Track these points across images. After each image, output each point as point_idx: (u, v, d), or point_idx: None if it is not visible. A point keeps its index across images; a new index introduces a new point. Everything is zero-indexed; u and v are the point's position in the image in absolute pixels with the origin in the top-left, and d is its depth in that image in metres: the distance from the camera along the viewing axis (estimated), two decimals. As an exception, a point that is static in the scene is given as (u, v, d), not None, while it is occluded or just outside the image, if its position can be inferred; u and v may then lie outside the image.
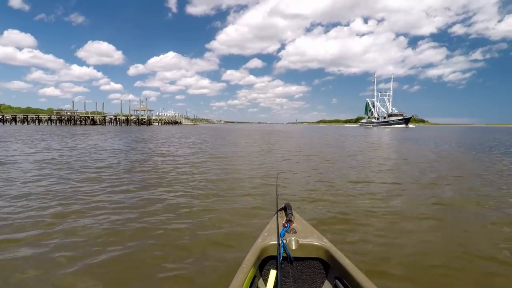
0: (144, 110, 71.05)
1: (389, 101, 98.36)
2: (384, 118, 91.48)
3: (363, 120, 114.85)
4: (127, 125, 63.49)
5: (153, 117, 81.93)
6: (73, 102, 62.98)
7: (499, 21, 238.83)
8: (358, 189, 5.02)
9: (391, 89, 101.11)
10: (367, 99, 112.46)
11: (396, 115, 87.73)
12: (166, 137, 21.67)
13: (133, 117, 65.65)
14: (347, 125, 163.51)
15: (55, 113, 62.31)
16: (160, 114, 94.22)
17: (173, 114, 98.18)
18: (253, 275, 1.52)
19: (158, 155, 9.72)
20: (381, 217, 3.57)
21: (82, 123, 61.81)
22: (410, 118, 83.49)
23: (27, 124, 58.32)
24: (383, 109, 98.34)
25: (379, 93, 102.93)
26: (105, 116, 64.51)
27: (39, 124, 59.29)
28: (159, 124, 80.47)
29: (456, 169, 7.50)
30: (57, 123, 60.11)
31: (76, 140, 15.80)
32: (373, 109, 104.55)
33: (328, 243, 1.67)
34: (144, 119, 65.91)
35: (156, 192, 4.68)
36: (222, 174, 6.48)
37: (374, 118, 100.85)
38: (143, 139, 17.99)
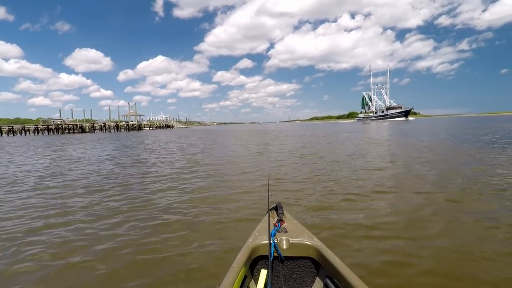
0: (134, 116, 69.34)
1: (386, 94, 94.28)
2: (383, 111, 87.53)
3: (360, 115, 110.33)
4: (117, 131, 61.78)
5: (144, 122, 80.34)
6: (60, 110, 60.63)
7: (484, 10, 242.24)
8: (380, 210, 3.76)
9: (388, 82, 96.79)
10: (363, 93, 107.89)
11: (395, 108, 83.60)
12: (152, 142, 20.31)
13: (123, 123, 63.77)
14: (343, 120, 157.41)
15: (41, 123, 60.20)
16: (151, 118, 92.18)
17: (163, 118, 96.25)
18: (243, 275, 1.51)
19: (138, 164, 8.40)
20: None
21: (70, 131, 59.97)
22: (410, 110, 80.00)
23: (13, 135, 56.25)
24: (380, 103, 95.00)
25: (376, 86, 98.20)
26: (93, 124, 62.59)
27: (25, 134, 57.22)
28: (150, 128, 78.88)
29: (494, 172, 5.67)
30: (44, 133, 58.08)
31: (46, 152, 14.35)
32: (370, 103, 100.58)
33: (319, 242, 1.66)
34: (134, 124, 64.09)
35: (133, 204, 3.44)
36: (206, 185, 5.30)
37: (372, 112, 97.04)
38: (126, 146, 16.60)
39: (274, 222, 1.84)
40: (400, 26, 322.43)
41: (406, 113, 79.07)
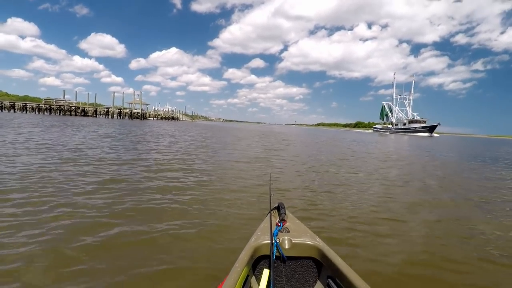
0: (139, 104, 67.68)
1: (409, 106, 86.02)
2: (404, 124, 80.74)
3: (377, 126, 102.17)
4: (120, 118, 60.19)
5: (150, 111, 78.72)
6: (64, 91, 59.52)
7: (502, 32, 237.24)
8: None
9: (412, 93, 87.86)
10: (383, 103, 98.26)
11: (418, 121, 76.51)
12: (145, 132, 18.39)
13: (127, 110, 62.12)
14: (359, 130, 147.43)
15: (43, 102, 58.81)
16: (156, 108, 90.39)
17: (169, 110, 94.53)
18: (246, 275, 1.50)
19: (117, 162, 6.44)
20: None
21: (72, 113, 58.50)
22: (436, 126, 71.88)
23: (14, 112, 54.95)
24: (401, 115, 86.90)
25: (398, 97, 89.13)
26: (96, 108, 61.00)
27: (26, 112, 55.90)
28: (155, 119, 77.19)
29: None
30: (45, 113, 56.71)
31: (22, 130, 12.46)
32: (390, 114, 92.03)
33: (321, 242, 1.65)
34: (138, 112, 62.40)
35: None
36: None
37: (391, 123, 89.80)
38: (122, 133, 14.68)
39: (276, 221, 1.83)
40: (416, 40, 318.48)
41: (432, 129, 72.34)
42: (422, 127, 72.92)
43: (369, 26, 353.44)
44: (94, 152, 7.82)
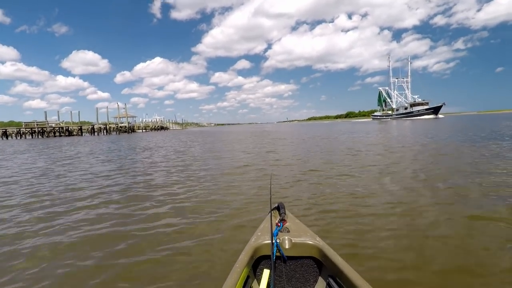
0: (125, 117, 65.48)
1: (408, 89, 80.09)
2: (406, 108, 75.16)
3: (376, 113, 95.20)
4: (107, 134, 57.98)
5: (137, 124, 76.50)
6: (45, 112, 56.39)
7: (478, 10, 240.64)
8: None
9: (409, 75, 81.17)
10: (380, 88, 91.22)
11: (421, 104, 71.00)
12: (119, 148, 16.73)
13: (113, 125, 59.89)
14: (356, 119, 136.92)
15: (24, 126, 56.20)
16: (144, 120, 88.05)
17: (158, 120, 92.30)
18: (246, 275, 1.50)
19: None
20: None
21: (56, 134, 56.06)
22: (441, 106, 66.30)
23: (-6, 139, 52.32)
24: (400, 99, 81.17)
25: (396, 80, 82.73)
26: (81, 126, 58.63)
27: (7, 139, 53.24)
28: (143, 131, 75.01)
29: None
30: (27, 137, 54.19)
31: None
32: (388, 100, 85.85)
33: (321, 242, 1.65)
34: (125, 126, 60.23)
35: None
36: None
37: (391, 109, 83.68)
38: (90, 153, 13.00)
39: (277, 222, 1.83)
40: (396, 26, 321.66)
41: (436, 110, 66.75)
42: (426, 109, 68.22)
43: (349, 16, 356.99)
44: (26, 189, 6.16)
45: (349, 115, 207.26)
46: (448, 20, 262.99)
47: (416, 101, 73.78)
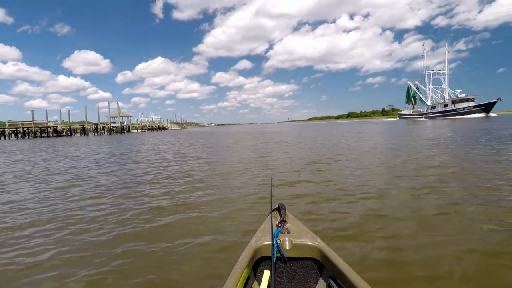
0: (117, 117, 61.19)
1: (445, 82, 65.17)
2: (446, 105, 61.71)
3: (404, 112, 79.77)
4: (98, 134, 53.70)
5: (133, 123, 72.25)
6: (32, 111, 51.77)
7: (479, 11, 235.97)
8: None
9: (446, 66, 65.31)
10: (409, 82, 75.09)
11: (466, 100, 57.44)
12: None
13: (104, 124, 55.50)
14: (378, 119, 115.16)
15: (7, 126, 51.88)
16: (140, 120, 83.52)
17: (154, 119, 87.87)
18: (246, 276, 1.50)
19: None
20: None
21: (43, 135, 51.79)
22: (495, 103, 53.86)
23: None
24: (435, 95, 67.67)
25: (431, 72, 67.39)
26: (70, 126, 54.30)
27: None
28: (139, 131, 70.74)
29: None
30: (11, 137, 49.89)
31: None
32: (421, 96, 71.72)
33: (321, 243, 1.64)
34: (117, 126, 55.88)
35: None
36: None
37: (427, 107, 69.51)
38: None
39: (277, 222, 1.82)
40: (398, 26, 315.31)
41: (488, 107, 53.88)
42: (474, 107, 55.36)
43: (351, 17, 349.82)
44: None
45: (350, 115, 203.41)
46: (449, 21, 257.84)
47: (459, 96, 60.13)
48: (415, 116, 72.25)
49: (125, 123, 68.89)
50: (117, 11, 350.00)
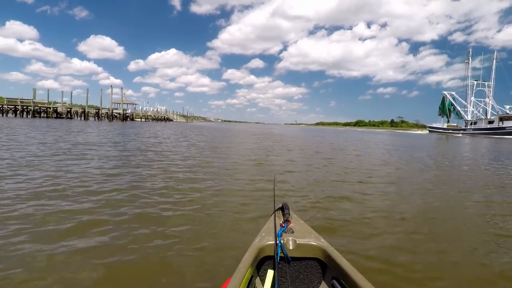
0: (124, 103, 58.49)
1: (489, 97, 57.51)
2: (491, 122, 54.16)
3: (436, 124, 70.07)
4: (99, 120, 51.08)
5: (137, 112, 69.61)
6: (34, 89, 49.20)
7: (498, 31, 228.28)
8: None
9: (493, 77, 57.57)
10: (445, 93, 66.34)
11: None
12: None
13: (106, 110, 52.79)
14: (407, 131, 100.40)
15: (6, 102, 49.53)
16: (145, 108, 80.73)
17: (160, 109, 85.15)
18: (250, 275, 1.49)
19: None
20: None
21: (43, 115, 49.40)
22: None
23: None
24: (474, 110, 60.18)
25: (475, 83, 59.82)
26: (71, 108, 51.74)
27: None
28: (143, 120, 68.07)
29: None
30: (7, 115, 47.52)
31: None
32: (459, 108, 62.94)
33: (325, 243, 1.63)
34: (119, 113, 53.14)
35: None
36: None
37: (465, 121, 61.52)
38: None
39: (281, 222, 1.79)
40: (415, 39, 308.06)
41: None
42: None
43: (368, 25, 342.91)
44: None
45: (358, 123, 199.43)
46: (467, 38, 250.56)
47: (508, 113, 52.99)
48: (450, 130, 63.87)
49: (129, 111, 66.42)
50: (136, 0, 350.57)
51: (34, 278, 1.96)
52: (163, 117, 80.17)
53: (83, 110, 51.31)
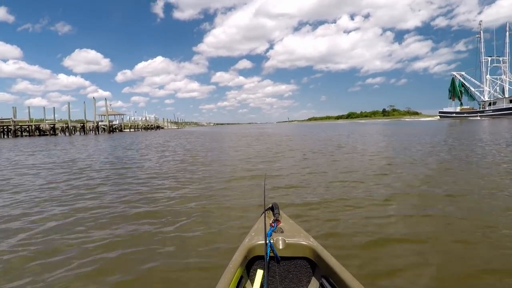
0: (111, 115, 56.58)
1: (505, 73, 51.83)
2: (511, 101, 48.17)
3: (448, 109, 63.23)
4: (84, 134, 49.10)
5: (125, 122, 67.70)
6: (14, 108, 46.71)
7: (479, 12, 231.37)
8: None
9: (507, 51, 51.58)
10: (454, 73, 60.12)
11: None
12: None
13: (91, 123, 50.85)
14: (412, 118, 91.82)
15: (-17, 123, 47.17)
16: (133, 118, 78.63)
17: (149, 118, 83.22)
18: (240, 275, 1.48)
19: None
20: None
21: (23, 134, 47.18)
22: None
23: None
24: (487, 88, 53.79)
25: (489, 59, 53.70)
26: (54, 124, 49.60)
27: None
28: (131, 130, 66.14)
29: None
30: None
31: None
32: (472, 89, 56.90)
33: (315, 242, 1.63)
34: (105, 125, 51.26)
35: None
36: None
37: (481, 103, 55.20)
38: None
39: (270, 222, 1.80)
40: (398, 27, 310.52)
41: None
42: None
43: (352, 17, 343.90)
44: None
45: (350, 115, 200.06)
46: (449, 22, 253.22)
47: None
48: (464, 114, 57.73)
49: (116, 122, 64.33)
50: (118, 10, 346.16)
51: None
52: (153, 126, 78.25)
53: (67, 125, 49.24)
